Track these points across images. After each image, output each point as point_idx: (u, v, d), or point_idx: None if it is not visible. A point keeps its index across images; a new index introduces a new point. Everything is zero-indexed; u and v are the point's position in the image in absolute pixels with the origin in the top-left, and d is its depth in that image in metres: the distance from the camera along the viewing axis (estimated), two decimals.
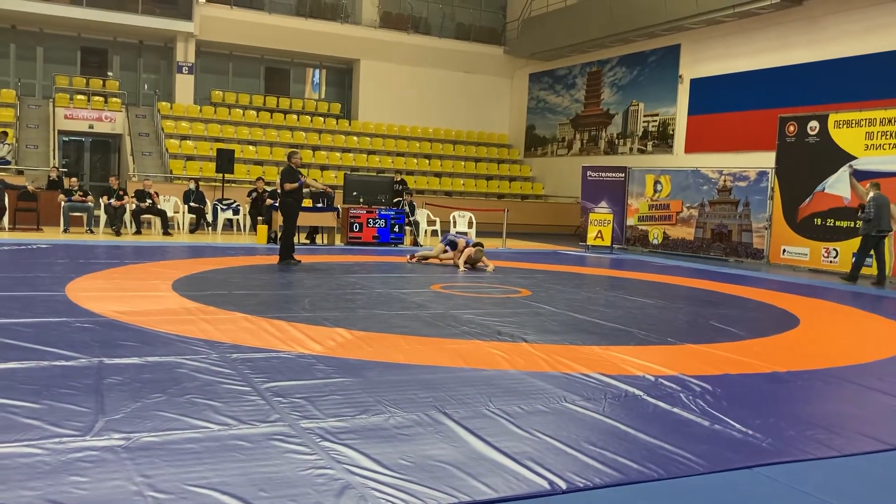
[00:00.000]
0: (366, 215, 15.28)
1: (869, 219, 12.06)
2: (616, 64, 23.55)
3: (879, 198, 12.07)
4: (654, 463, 3.42)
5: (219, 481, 2.99)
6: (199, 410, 3.87)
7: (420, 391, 4.43)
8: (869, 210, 12.05)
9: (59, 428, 3.50)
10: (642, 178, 17.96)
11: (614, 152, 23.47)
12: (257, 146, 22.95)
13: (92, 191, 17.63)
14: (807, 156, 14.47)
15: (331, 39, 24.85)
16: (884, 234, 12.10)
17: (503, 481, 3.13)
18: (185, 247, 13.19)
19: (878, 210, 11.99)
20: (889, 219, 12.11)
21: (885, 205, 12.05)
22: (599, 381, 4.90)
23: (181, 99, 23.56)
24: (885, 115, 13.25)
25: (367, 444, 3.48)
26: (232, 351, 5.24)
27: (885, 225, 12.04)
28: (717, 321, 7.60)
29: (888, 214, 12.09)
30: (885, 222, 12.02)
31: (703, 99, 20.46)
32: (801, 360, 5.91)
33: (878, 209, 12.00)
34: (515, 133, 27.97)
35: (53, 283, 7.97)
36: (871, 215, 12.01)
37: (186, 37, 23.14)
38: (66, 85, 22.56)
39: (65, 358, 4.80)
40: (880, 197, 12.09)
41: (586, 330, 6.75)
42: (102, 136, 22.74)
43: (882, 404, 4.74)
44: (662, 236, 17.46)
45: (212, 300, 7.35)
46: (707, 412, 4.29)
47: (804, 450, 3.73)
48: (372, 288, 8.84)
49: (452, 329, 6.46)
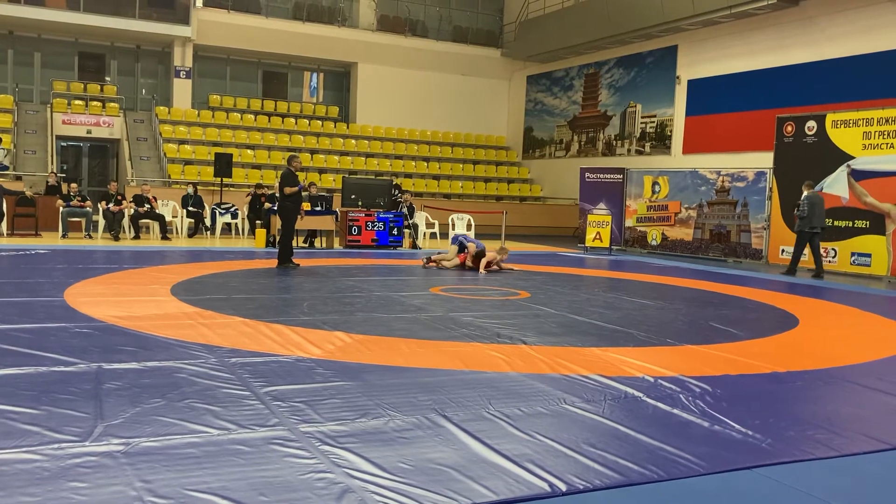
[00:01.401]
0: (364, 218, 15.28)
1: (803, 216, 12.95)
2: (613, 65, 23.58)
3: (813, 197, 13.01)
4: (654, 464, 3.42)
5: (219, 486, 2.98)
6: (199, 415, 3.86)
7: (419, 394, 4.43)
8: (803, 208, 12.95)
9: (58, 434, 3.49)
10: (640, 180, 17.97)
11: (612, 154, 23.48)
12: (255, 150, 22.95)
13: (90, 196, 17.63)
14: (805, 156, 14.48)
15: (328, 43, 24.86)
16: (816, 231, 12.98)
17: (503, 484, 3.12)
18: (184, 251, 13.18)
19: (811, 208, 12.87)
20: (822, 217, 13.04)
21: (818, 203, 12.98)
22: (599, 382, 4.89)
23: (179, 103, 23.57)
24: (883, 115, 13.27)
25: (367, 448, 3.47)
26: (231, 355, 5.23)
27: (817, 222, 12.94)
28: (716, 322, 7.60)
29: (821, 213, 13.02)
30: (816, 220, 12.91)
31: (700, 100, 20.48)
32: (801, 360, 5.91)
33: (811, 207, 12.87)
34: (513, 135, 27.99)
35: (52, 289, 7.96)
36: (805, 213, 12.91)
37: (184, 41, 23.15)
38: (63, 90, 22.57)
39: (64, 363, 4.80)
40: (814, 196, 13.04)
41: (586, 331, 6.75)
42: (100, 141, 22.74)
43: (882, 404, 4.74)
44: (661, 237, 17.46)
45: (210, 304, 7.34)
46: (707, 413, 4.28)
47: (804, 450, 3.72)
48: (371, 291, 8.83)
49: (452, 331, 6.46)
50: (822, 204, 13.08)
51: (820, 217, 12.98)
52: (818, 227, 12.98)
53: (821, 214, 13.01)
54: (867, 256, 13.38)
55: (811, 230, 12.96)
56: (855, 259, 13.57)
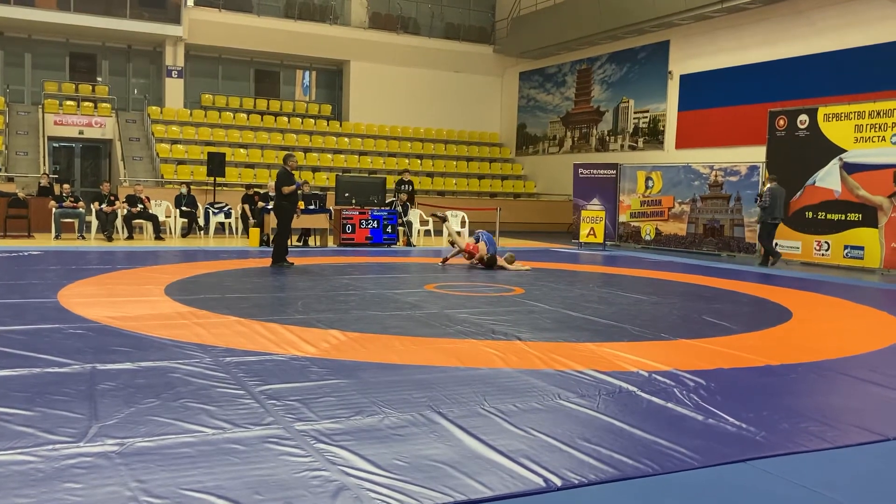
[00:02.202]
0: (358, 216, 15.27)
1: (764, 207, 13.61)
2: (606, 61, 23.59)
3: (775, 189, 13.58)
4: (648, 458, 3.43)
5: (214, 485, 2.98)
6: (194, 414, 3.86)
7: (414, 391, 4.43)
8: (765, 200, 13.60)
9: (53, 435, 3.49)
10: (634, 175, 18.00)
11: (605, 149, 23.51)
12: (248, 149, 22.91)
13: (83, 197, 17.57)
14: (797, 149, 14.52)
15: (320, 41, 24.82)
16: (777, 222, 13.66)
17: (498, 479, 3.13)
18: (178, 251, 13.16)
19: (772, 200, 13.49)
20: (783, 208, 13.74)
21: (779, 196, 13.56)
22: (594, 377, 4.90)
23: (171, 103, 23.51)
24: (874, 108, 13.30)
25: (362, 446, 3.48)
26: (225, 354, 5.23)
27: (778, 213, 13.60)
28: (710, 316, 7.62)
29: (782, 205, 13.67)
30: (777, 211, 13.55)
31: (692, 95, 20.51)
32: (794, 353, 5.93)
33: (772, 199, 13.49)
34: (507, 132, 27.99)
35: (45, 290, 7.94)
36: (766, 204, 13.56)
37: (175, 41, 23.09)
38: (55, 91, 22.49)
39: (58, 364, 4.79)
40: (776, 189, 13.59)
41: (580, 327, 6.76)
42: (93, 141, 22.67)
43: (874, 395, 4.76)
44: (655, 232, 17.49)
45: (205, 304, 7.33)
46: (701, 407, 4.30)
47: (798, 442, 3.74)
48: (365, 289, 8.83)
49: (447, 328, 6.46)
50: (783, 196, 13.68)
51: (781, 209, 13.62)
52: (779, 218, 13.66)
53: (781, 206, 13.64)
54: (860, 249, 13.42)
55: (773, 221, 13.61)
56: (848, 252, 13.61)
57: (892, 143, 12.99)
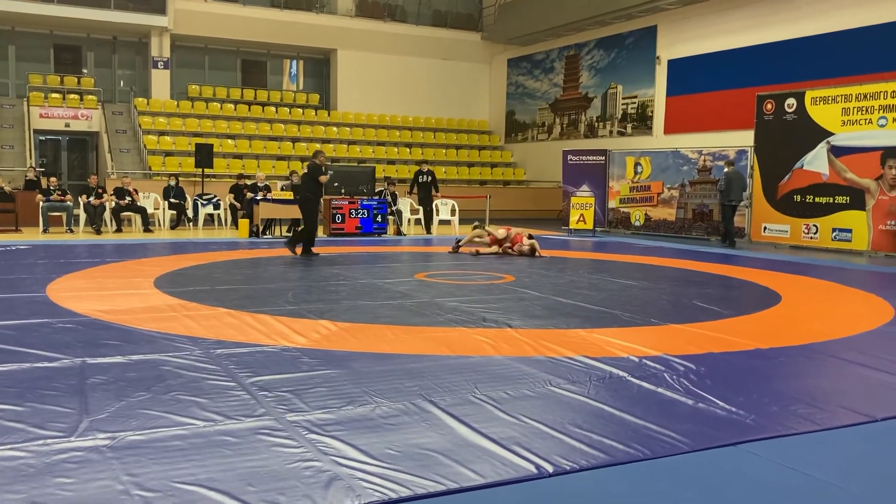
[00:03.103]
0: (348, 206, 15.23)
1: (721, 190, 14.58)
2: (593, 47, 23.56)
3: (731, 173, 14.49)
4: (639, 443, 3.45)
5: (206, 477, 2.98)
6: (185, 407, 3.86)
7: (406, 380, 4.44)
8: (721, 184, 14.56)
9: (43, 430, 3.48)
10: (623, 161, 18.01)
11: (594, 136, 23.51)
12: (236, 139, 22.80)
13: (70, 190, 17.46)
14: (785, 133, 14.55)
15: (307, 30, 24.68)
16: (734, 204, 14.52)
17: (490, 467, 3.14)
18: (167, 243, 13.11)
19: (728, 184, 14.39)
20: (739, 191, 14.51)
21: (735, 179, 14.43)
22: (584, 363, 4.92)
23: (157, 94, 23.36)
24: (861, 91, 13.34)
25: (354, 435, 3.48)
26: (216, 347, 5.22)
27: (735, 196, 14.45)
28: (699, 301, 7.65)
29: (738, 188, 14.47)
30: (734, 194, 14.43)
31: (681, 79, 20.51)
32: (783, 336, 5.96)
33: (728, 182, 14.40)
34: (496, 119, 27.95)
35: (34, 284, 7.90)
36: (723, 187, 14.50)
37: (161, 31, 22.92)
38: (40, 83, 22.31)
39: (47, 359, 4.77)
40: (732, 172, 14.51)
41: (570, 313, 6.78)
42: (79, 134, 22.52)
43: (863, 377, 4.79)
44: (644, 218, 17.53)
45: (194, 296, 7.31)
46: (691, 391, 4.32)
47: (787, 425, 3.77)
48: (356, 279, 8.82)
49: (437, 317, 6.47)
50: (739, 180, 14.51)
51: (737, 191, 14.47)
52: (736, 200, 14.51)
53: (738, 189, 14.47)
54: (848, 232, 13.50)
55: (730, 203, 14.48)
56: (836, 235, 13.68)
57: (878, 125, 13.04)
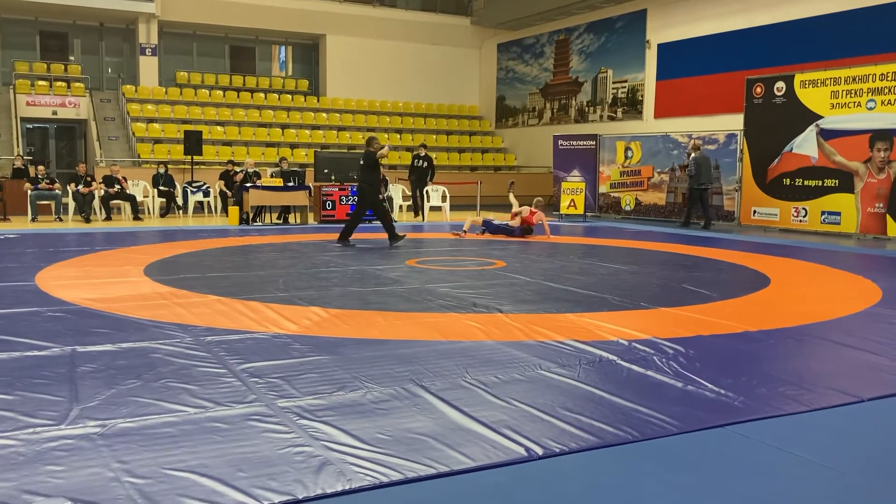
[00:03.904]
0: (338, 193, 15.20)
1: (692, 175, 14.86)
2: (583, 31, 23.49)
3: (700, 158, 14.82)
4: (628, 426, 3.47)
5: (197, 463, 2.99)
6: (175, 394, 3.86)
7: (397, 365, 4.45)
8: (691, 168, 14.83)
9: (33, 418, 3.47)
10: (613, 146, 18.01)
11: (585, 120, 23.49)
12: (225, 126, 22.68)
13: (59, 178, 17.36)
14: (774, 116, 14.59)
15: (295, 15, 24.51)
16: (704, 187, 14.90)
17: (480, 450, 3.16)
18: (156, 231, 13.06)
19: (697, 168, 14.72)
20: (708, 174, 14.96)
21: (703, 164, 14.81)
22: (574, 347, 4.94)
23: (146, 81, 23.19)
24: (850, 74, 13.37)
25: (345, 420, 3.49)
26: (206, 334, 5.22)
27: (705, 180, 14.88)
28: (689, 284, 7.68)
29: (708, 171, 14.92)
30: (704, 178, 14.83)
31: (670, 63, 20.49)
32: (772, 318, 6.00)
33: (697, 167, 14.72)
34: (486, 104, 27.87)
35: (23, 273, 7.86)
36: (693, 172, 14.79)
37: (148, 17, 22.73)
38: (26, 71, 22.11)
39: (37, 348, 4.76)
40: (700, 157, 14.84)
41: (561, 298, 6.80)
42: (67, 122, 22.35)
43: (850, 359, 4.83)
44: (635, 202, 17.56)
45: (185, 284, 7.30)
46: (680, 374, 4.35)
47: (775, 406, 3.80)
48: (347, 265, 8.82)
49: (428, 303, 6.48)
50: (707, 163, 14.95)
51: (706, 175, 14.89)
52: (706, 183, 14.93)
53: (707, 173, 14.90)
54: (837, 215, 13.56)
55: (700, 187, 14.85)
56: (825, 217, 13.74)
57: (867, 108, 13.08)
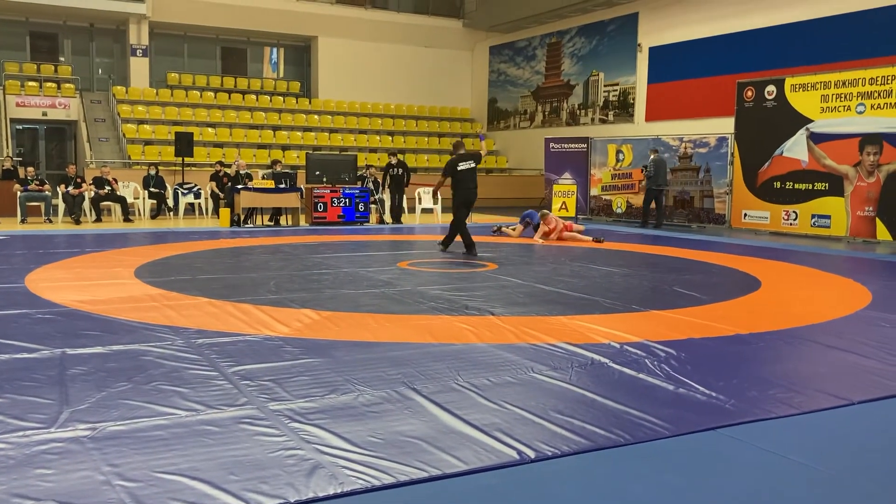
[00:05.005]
0: (330, 194, 15.18)
1: (650, 176, 15.67)
2: (575, 34, 23.54)
3: (658, 160, 15.68)
4: (620, 428, 3.48)
5: (188, 467, 2.98)
6: (166, 397, 3.84)
7: (388, 368, 4.44)
8: (650, 170, 15.63)
9: (23, 421, 3.45)
10: (604, 148, 18.06)
11: (576, 123, 23.53)
12: (216, 128, 22.61)
13: (49, 179, 17.27)
14: (765, 120, 14.65)
15: (287, 17, 24.47)
16: (661, 189, 15.78)
17: (473, 453, 3.16)
18: (147, 233, 13.01)
19: (656, 170, 15.55)
20: (665, 177, 15.79)
21: (661, 166, 15.64)
22: (566, 350, 4.95)
23: (136, 82, 23.10)
24: (840, 78, 13.44)
25: (337, 424, 3.49)
26: (197, 336, 5.20)
27: (662, 181, 15.71)
28: (680, 287, 7.70)
29: (664, 174, 15.75)
30: (661, 179, 15.67)
31: (662, 67, 20.56)
32: (763, 321, 6.02)
33: (655, 169, 15.55)
34: (478, 107, 27.89)
35: (12, 275, 7.82)
36: (651, 174, 15.61)
37: (139, 18, 22.64)
38: (16, 71, 21.98)
39: (27, 350, 4.73)
40: (658, 160, 15.70)
41: (552, 301, 6.81)
42: (57, 123, 22.23)
43: (840, 361, 4.85)
44: (626, 205, 17.60)
45: (175, 286, 7.27)
46: (672, 377, 4.36)
47: (766, 409, 3.81)
48: (338, 268, 8.81)
49: (420, 305, 6.47)
50: (664, 166, 15.79)
51: (663, 177, 15.71)
52: (662, 185, 15.74)
53: (664, 175, 15.72)
54: (827, 218, 13.63)
55: (657, 188, 15.65)
56: (815, 221, 13.81)
57: (857, 112, 13.15)
